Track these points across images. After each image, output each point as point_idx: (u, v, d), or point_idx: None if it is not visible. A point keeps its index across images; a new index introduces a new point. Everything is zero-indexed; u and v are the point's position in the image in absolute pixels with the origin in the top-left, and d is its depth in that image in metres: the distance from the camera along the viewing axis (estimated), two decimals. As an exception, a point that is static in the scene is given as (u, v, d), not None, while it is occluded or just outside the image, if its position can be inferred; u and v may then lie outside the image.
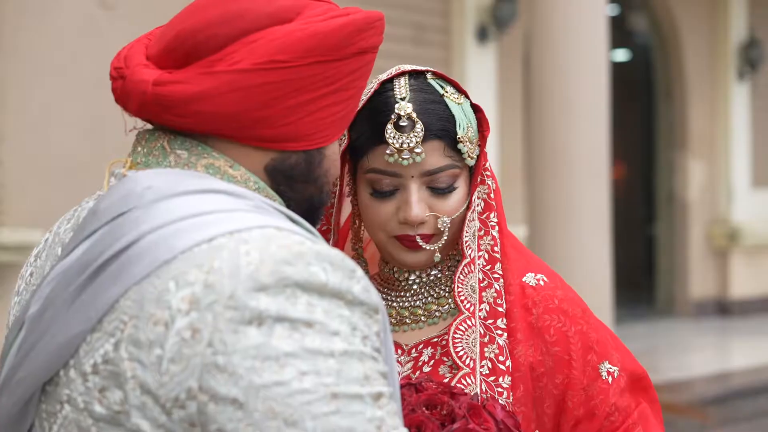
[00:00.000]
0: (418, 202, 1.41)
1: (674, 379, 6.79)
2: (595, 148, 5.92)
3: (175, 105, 1.10)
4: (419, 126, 1.39)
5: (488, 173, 1.48)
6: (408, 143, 1.39)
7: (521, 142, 7.76)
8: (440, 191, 1.43)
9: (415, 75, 1.46)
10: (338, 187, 1.50)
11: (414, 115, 1.40)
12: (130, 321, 1.00)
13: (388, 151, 1.40)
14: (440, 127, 1.41)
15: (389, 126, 1.40)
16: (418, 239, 1.43)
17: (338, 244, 1.54)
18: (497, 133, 7.60)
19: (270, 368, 0.95)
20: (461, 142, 1.42)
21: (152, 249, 1.03)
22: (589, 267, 5.92)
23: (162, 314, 0.99)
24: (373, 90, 1.44)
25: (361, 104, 1.43)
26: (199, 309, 0.98)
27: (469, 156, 1.44)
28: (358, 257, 1.52)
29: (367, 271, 1.52)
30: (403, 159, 1.40)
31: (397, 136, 1.39)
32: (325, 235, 1.51)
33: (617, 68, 8.69)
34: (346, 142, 1.46)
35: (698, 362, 7.86)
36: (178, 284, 0.99)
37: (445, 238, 1.44)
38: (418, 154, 1.40)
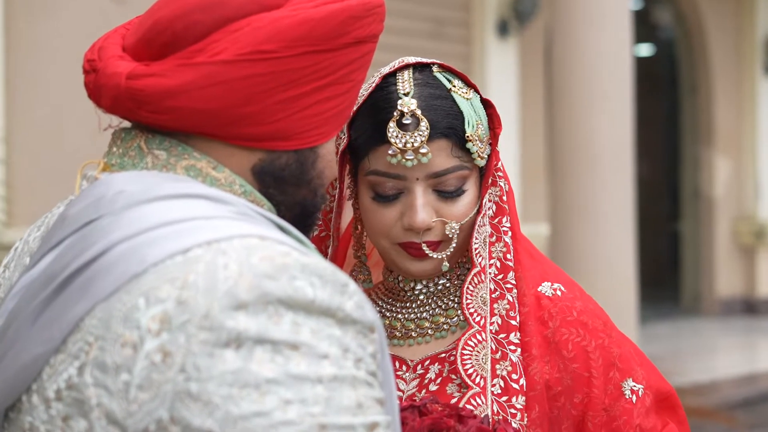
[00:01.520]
0: (423, 207, 1.30)
1: (700, 381, 6.67)
2: (619, 144, 5.88)
3: (150, 100, 1.01)
4: (424, 124, 1.29)
5: (500, 174, 1.37)
6: (412, 143, 1.29)
7: (543, 138, 7.65)
8: (448, 194, 1.32)
9: (420, 68, 1.35)
10: (338, 189, 1.39)
11: (418, 112, 1.29)
12: (96, 342, 0.92)
13: (390, 152, 1.30)
14: (447, 124, 1.30)
15: (391, 124, 1.30)
16: (424, 247, 1.32)
17: (339, 250, 1.44)
18: (518, 129, 7.52)
19: (249, 397, 0.86)
20: (470, 140, 1.31)
21: (121, 261, 0.94)
22: (613, 265, 5.89)
23: (130, 335, 0.90)
24: (374, 84, 1.34)
25: (361, 99, 1.34)
26: (170, 329, 0.89)
27: (479, 156, 1.33)
28: (361, 265, 1.42)
29: (370, 281, 1.41)
30: (407, 160, 1.29)
31: (400, 135, 1.29)
32: (324, 241, 1.41)
33: (641, 63, 8.58)
34: (345, 141, 1.35)
35: (725, 363, 7.72)
36: (148, 301, 0.91)
37: (454, 245, 1.33)
38: (423, 154, 1.29)
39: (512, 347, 1.31)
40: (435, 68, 1.35)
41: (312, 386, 0.87)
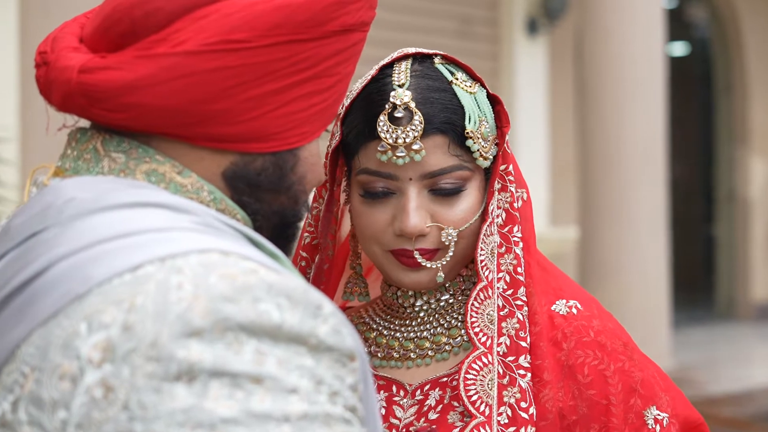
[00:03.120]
0: (416, 210, 1.18)
1: (735, 390, 6.46)
2: (652, 145, 5.81)
3: (104, 97, 0.91)
4: (418, 118, 1.17)
5: (511, 178, 1.23)
6: (404, 138, 1.17)
7: (573, 138, 7.51)
8: (445, 197, 1.20)
9: (421, 59, 1.24)
10: (327, 192, 1.28)
11: (412, 104, 1.18)
12: (32, 373, 0.81)
13: (380, 148, 1.18)
14: (444, 119, 1.18)
15: (382, 117, 1.18)
16: (417, 255, 1.20)
17: (337, 260, 1.32)
18: (548, 129, 7.40)
19: (203, 438, 0.75)
20: (470, 137, 1.19)
21: (64, 279, 0.84)
22: (644, 269, 5.82)
23: (69, 366, 0.79)
24: (370, 76, 1.21)
25: (354, 93, 1.22)
26: (113, 360, 0.78)
27: (481, 156, 1.20)
28: (357, 277, 1.30)
29: (366, 293, 1.29)
30: (398, 157, 1.17)
31: (391, 130, 1.17)
32: (315, 250, 1.28)
33: (675, 63, 8.46)
34: (338, 138, 1.23)
35: (761, 372, 7.48)
36: (90, 326, 0.80)
37: (451, 253, 1.21)
38: (416, 151, 1.17)
39: (522, 371, 1.18)
40: (437, 59, 1.23)
41: (277, 426, 0.76)
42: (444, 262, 1.20)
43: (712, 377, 6.46)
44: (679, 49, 11.36)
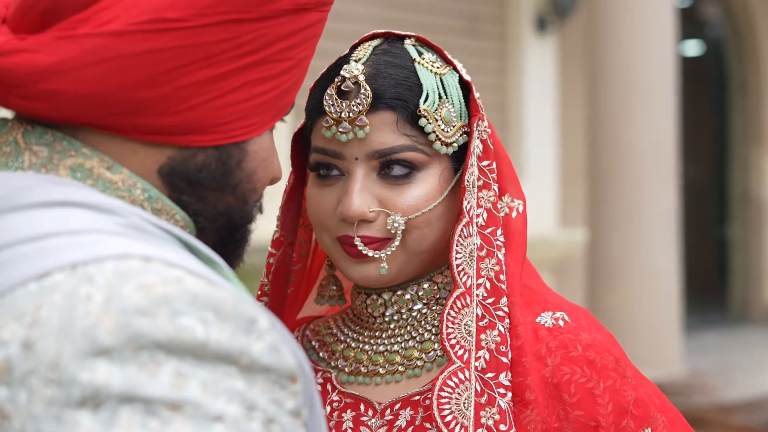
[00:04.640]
0: (359, 193, 1.09)
1: (749, 397, 6.33)
2: (663, 145, 5.74)
3: (21, 83, 0.82)
4: (365, 92, 1.09)
5: (495, 176, 1.13)
6: (347, 112, 1.09)
7: (582, 139, 7.41)
8: (395, 180, 1.11)
9: (391, 39, 1.16)
10: (292, 182, 1.20)
11: (361, 78, 1.10)
12: None
13: (324, 123, 1.11)
14: (395, 94, 1.10)
15: (329, 91, 1.11)
16: (358, 242, 1.10)
17: (312, 265, 1.23)
18: (557, 129, 7.31)
19: (109, 476, 0.66)
20: (423, 116, 1.10)
21: None
22: (656, 271, 5.75)
23: None
24: (341, 56, 1.15)
25: (321, 72, 1.15)
26: (10, 382, 0.69)
27: (439, 139, 1.10)
28: (329, 278, 1.20)
29: (340, 296, 1.20)
30: (341, 133, 1.09)
31: (336, 104, 1.09)
32: (279, 245, 1.19)
33: (689, 63, 8.38)
34: (303, 122, 1.17)
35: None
36: None
37: (397, 242, 1.10)
38: (360, 127, 1.09)
39: (501, 390, 1.07)
40: (408, 41, 1.15)
41: (198, 460, 0.67)
42: (389, 252, 1.10)
43: (725, 383, 6.33)
44: (693, 48, 11.30)
